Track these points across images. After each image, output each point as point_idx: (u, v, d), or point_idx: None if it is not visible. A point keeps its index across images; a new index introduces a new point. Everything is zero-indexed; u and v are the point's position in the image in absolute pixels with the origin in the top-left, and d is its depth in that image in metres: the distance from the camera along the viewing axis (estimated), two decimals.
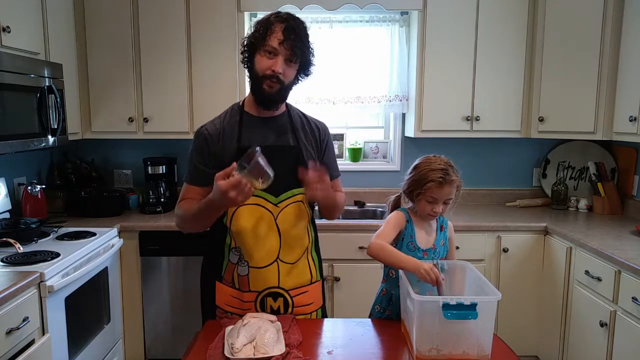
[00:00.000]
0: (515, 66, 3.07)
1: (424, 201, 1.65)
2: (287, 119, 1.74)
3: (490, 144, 3.45)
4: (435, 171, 1.61)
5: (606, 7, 2.79)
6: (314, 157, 1.74)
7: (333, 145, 1.85)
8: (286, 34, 1.56)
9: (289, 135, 1.71)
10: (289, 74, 1.62)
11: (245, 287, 1.68)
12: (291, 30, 1.57)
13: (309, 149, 1.73)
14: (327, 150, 1.80)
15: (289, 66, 1.61)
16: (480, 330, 1.38)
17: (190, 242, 2.83)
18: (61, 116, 2.54)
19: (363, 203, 3.42)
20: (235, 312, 1.69)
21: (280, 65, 1.58)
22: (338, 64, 3.35)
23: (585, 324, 2.47)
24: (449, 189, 1.62)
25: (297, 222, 1.69)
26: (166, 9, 2.99)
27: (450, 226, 1.78)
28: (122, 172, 3.48)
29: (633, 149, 3.12)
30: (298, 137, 1.72)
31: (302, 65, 1.66)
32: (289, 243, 1.68)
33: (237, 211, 1.65)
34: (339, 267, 2.89)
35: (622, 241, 2.47)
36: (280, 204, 1.66)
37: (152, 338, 2.94)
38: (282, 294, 1.69)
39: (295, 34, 1.57)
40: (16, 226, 2.49)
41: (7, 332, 1.73)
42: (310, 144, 1.74)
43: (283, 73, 1.59)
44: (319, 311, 1.79)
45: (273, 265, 1.66)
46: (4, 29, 2.20)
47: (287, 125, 1.73)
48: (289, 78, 1.63)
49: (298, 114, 1.79)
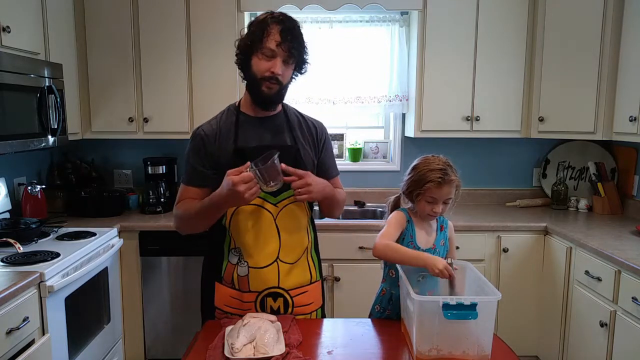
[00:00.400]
0: (515, 66, 3.07)
1: (423, 201, 1.65)
2: (284, 118, 1.74)
3: (490, 144, 3.45)
4: (434, 171, 1.61)
5: (606, 7, 2.79)
6: (312, 156, 1.74)
7: (331, 144, 1.85)
8: (283, 36, 1.57)
9: (285, 134, 1.71)
10: (287, 74, 1.64)
11: (245, 287, 1.67)
12: (288, 32, 1.58)
13: (307, 148, 1.73)
14: (325, 149, 1.79)
15: (286, 67, 1.62)
16: (480, 330, 1.38)
17: (190, 242, 2.82)
18: (61, 116, 2.54)
19: (363, 203, 3.42)
20: (234, 312, 1.69)
21: (279, 67, 1.59)
22: (338, 64, 3.35)
23: (585, 324, 2.47)
24: (448, 188, 1.62)
25: (296, 222, 1.70)
26: (166, 9, 2.99)
27: (451, 226, 1.78)
28: (122, 172, 3.48)
29: (633, 149, 3.12)
30: (295, 137, 1.72)
31: (298, 65, 1.66)
32: (288, 243, 1.68)
33: (236, 211, 1.65)
34: (339, 267, 2.89)
35: (622, 241, 2.47)
36: (279, 203, 1.66)
37: (152, 338, 2.94)
38: (282, 294, 1.68)
39: (292, 34, 1.58)
40: (16, 226, 2.49)
41: (7, 332, 1.73)
42: (308, 142, 1.74)
43: (282, 74, 1.60)
44: (319, 311, 1.79)
45: (273, 266, 1.66)
46: (4, 29, 2.20)
47: (284, 125, 1.73)
48: (287, 78, 1.65)
49: (295, 113, 1.79)
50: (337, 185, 1.85)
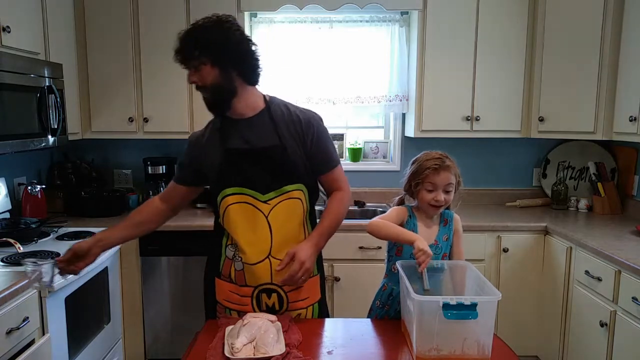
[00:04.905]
0: (515, 66, 3.07)
1: (423, 191, 1.67)
2: (267, 116, 1.70)
3: (490, 144, 3.45)
4: (431, 160, 1.67)
5: (606, 7, 2.79)
6: (300, 153, 1.68)
7: (325, 134, 1.75)
8: (175, 54, 1.65)
9: (271, 133, 1.67)
10: (207, 77, 1.63)
11: (242, 281, 1.70)
12: (178, 48, 1.64)
13: (294, 145, 1.68)
14: (315, 142, 1.70)
15: (196, 72, 1.63)
16: (480, 330, 1.38)
17: (190, 242, 2.83)
18: (61, 116, 2.54)
19: (363, 203, 3.42)
20: (234, 307, 1.72)
21: (191, 76, 1.65)
22: (338, 64, 3.34)
23: (585, 324, 2.47)
24: (445, 174, 1.64)
25: (290, 219, 1.69)
26: (166, 9, 2.99)
27: (457, 219, 1.77)
28: (122, 172, 3.48)
29: (633, 149, 3.12)
30: (280, 134, 1.67)
31: (218, 63, 1.61)
32: (281, 240, 1.68)
33: (227, 209, 1.67)
34: (339, 267, 2.89)
35: (622, 241, 2.47)
36: (271, 201, 1.67)
37: (152, 338, 2.94)
38: (275, 289, 1.69)
39: (182, 46, 1.63)
40: (16, 226, 2.49)
41: (7, 332, 1.73)
42: (294, 138, 1.68)
43: (197, 80, 1.64)
44: (316, 305, 1.77)
45: (265, 262, 1.67)
46: (4, 29, 2.19)
47: (269, 123, 1.69)
48: (208, 81, 1.63)
49: (280, 107, 1.72)
50: (338, 176, 1.79)
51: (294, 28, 3.30)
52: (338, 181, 1.80)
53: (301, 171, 1.69)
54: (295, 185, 1.68)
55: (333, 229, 1.74)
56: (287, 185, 1.67)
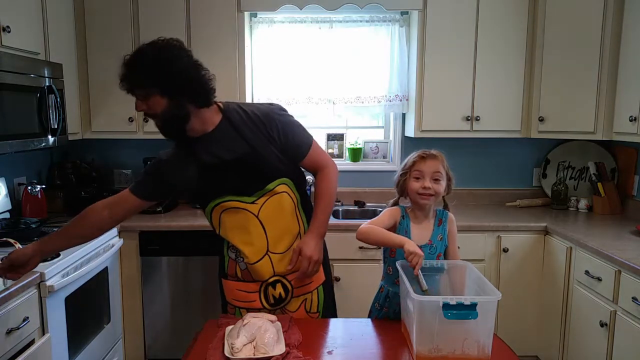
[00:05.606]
0: (515, 66, 3.07)
1: (411, 180, 1.68)
2: (228, 125, 1.67)
3: (491, 144, 3.45)
4: (418, 152, 1.73)
5: (606, 7, 2.79)
6: (274, 150, 1.67)
7: (289, 121, 1.72)
8: (120, 82, 1.59)
9: (238, 141, 1.65)
10: (153, 107, 1.58)
11: (249, 278, 1.75)
12: (124, 75, 1.57)
13: (263, 146, 1.66)
14: (282, 135, 1.68)
15: (145, 101, 1.58)
16: (480, 330, 1.38)
17: (190, 242, 2.83)
18: (61, 116, 2.54)
19: (363, 203, 3.42)
20: (242, 306, 1.76)
21: (138, 105, 1.59)
22: (338, 64, 3.34)
23: (585, 324, 2.46)
24: (432, 162, 1.68)
25: (280, 213, 1.72)
26: (166, 9, 2.99)
27: (452, 219, 1.77)
28: (122, 172, 3.47)
29: (633, 149, 3.11)
30: (248, 140, 1.65)
31: (166, 92, 1.55)
32: (276, 235, 1.72)
33: (219, 219, 1.71)
34: (339, 267, 2.89)
35: (622, 241, 2.47)
36: (258, 200, 1.69)
37: (152, 338, 2.94)
38: (278, 279, 1.74)
39: (124, 76, 1.57)
40: (16, 226, 2.49)
41: (7, 332, 1.73)
42: (260, 139, 1.66)
43: (146, 108, 1.58)
44: (320, 288, 1.81)
45: (265, 259, 1.71)
46: (4, 29, 2.19)
47: (232, 132, 1.66)
48: (158, 110, 1.58)
49: (238, 112, 1.69)
50: (316, 159, 1.76)
51: (294, 28, 3.30)
52: (318, 160, 1.77)
53: (279, 167, 1.69)
54: (277, 181, 1.70)
55: (329, 210, 1.76)
56: (269, 183, 1.69)
